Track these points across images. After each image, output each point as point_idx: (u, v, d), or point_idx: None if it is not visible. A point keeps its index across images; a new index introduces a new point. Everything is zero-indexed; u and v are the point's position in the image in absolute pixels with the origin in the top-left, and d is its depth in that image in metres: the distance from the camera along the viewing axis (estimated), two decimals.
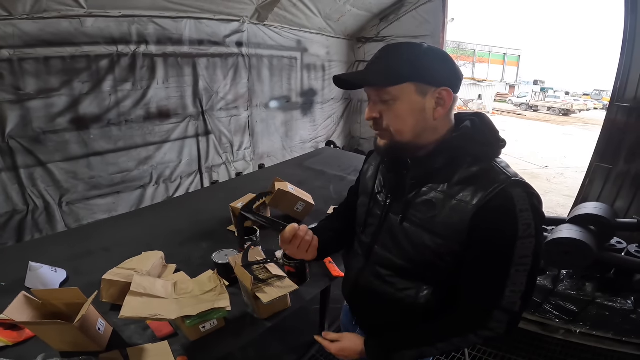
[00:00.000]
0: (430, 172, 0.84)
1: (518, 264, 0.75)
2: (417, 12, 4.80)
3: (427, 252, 0.83)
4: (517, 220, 0.74)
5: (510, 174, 0.78)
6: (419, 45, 0.81)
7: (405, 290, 0.90)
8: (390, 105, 0.81)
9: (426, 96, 0.79)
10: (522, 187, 0.76)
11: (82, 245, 1.76)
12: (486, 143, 0.83)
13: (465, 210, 0.77)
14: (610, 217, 2.14)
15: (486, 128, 0.85)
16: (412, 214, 0.86)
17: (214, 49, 3.82)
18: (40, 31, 2.63)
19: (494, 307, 0.77)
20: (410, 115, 0.80)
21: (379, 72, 0.80)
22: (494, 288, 0.77)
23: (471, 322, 0.81)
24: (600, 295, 2.14)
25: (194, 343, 1.17)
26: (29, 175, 2.86)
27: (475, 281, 0.80)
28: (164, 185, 3.80)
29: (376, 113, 0.83)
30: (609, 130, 3.13)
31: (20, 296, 1.09)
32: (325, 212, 2.10)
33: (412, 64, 0.78)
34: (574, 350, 2.18)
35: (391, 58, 0.81)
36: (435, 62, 0.80)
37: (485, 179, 0.78)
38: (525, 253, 0.74)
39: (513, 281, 0.75)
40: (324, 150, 3.83)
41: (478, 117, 0.87)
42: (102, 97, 3.11)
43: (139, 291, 1.13)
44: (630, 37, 2.88)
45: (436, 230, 0.81)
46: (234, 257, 1.38)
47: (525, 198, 0.75)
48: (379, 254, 0.94)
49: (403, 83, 0.78)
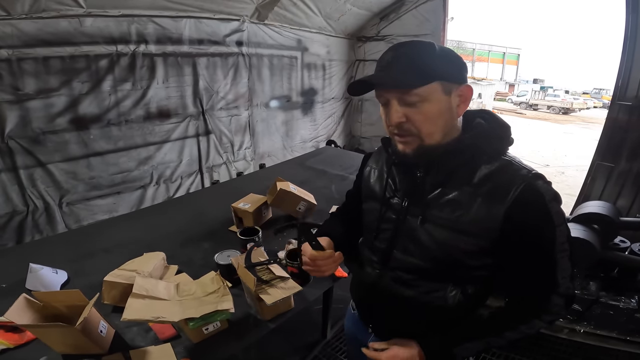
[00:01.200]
0: (451, 172, 0.82)
1: (560, 250, 0.77)
2: (418, 11, 4.79)
3: (455, 251, 0.82)
4: (549, 210, 0.76)
5: (528, 167, 0.80)
6: (430, 43, 0.79)
7: (432, 292, 0.88)
8: (418, 107, 0.77)
9: (451, 94, 0.78)
10: (542, 178, 0.78)
11: (82, 246, 1.75)
12: (500, 139, 0.83)
13: (495, 207, 0.77)
14: (613, 216, 2.13)
15: (497, 124, 0.85)
16: (435, 215, 0.84)
17: (213, 49, 3.80)
18: (39, 31, 2.62)
19: (551, 293, 0.79)
20: (440, 116, 0.78)
21: (407, 73, 0.75)
22: (547, 277, 0.79)
23: (534, 309, 0.82)
24: (605, 294, 2.13)
25: (197, 345, 1.16)
26: (29, 175, 2.85)
27: (526, 273, 0.81)
28: (165, 185, 3.79)
29: (402, 117, 0.78)
30: (611, 129, 3.13)
31: (21, 298, 1.08)
32: (328, 211, 2.09)
33: (435, 62, 0.76)
34: (578, 350, 2.17)
35: (413, 57, 0.77)
36: (451, 58, 0.79)
37: (508, 175, 0.78)
38: (563, 239, 0.77)
39: (561, 267, 0.78)
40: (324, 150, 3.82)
41: (487, 114, 0.88)
42: (102, 97, 3.10)
43: (141, 293, 1.12)
44: (632, 36, 2.87)
45: (465, 229, 0.80)
46: (237, 258, 1.37)
47: (548, 189, 0.77)
48: (400, 259, 0.91)
49: (432, 82, 0.75)
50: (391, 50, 0.80)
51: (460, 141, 0.82)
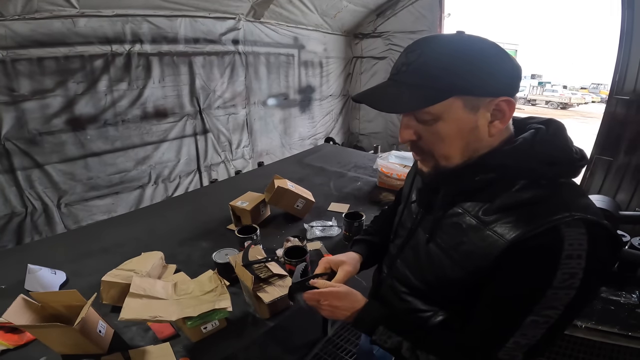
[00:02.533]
0: (466, 191, 0.69)
1: (539, 314, 0.59)
2: (414, 7, 4.78)
3: (444, 279, 0.71)
4: (557, 266, 0.57)
5: (577, 206, 0.60)
6: (457, 39, 0.63)
7: (420, 312, 0.79)
8: (431, 124, 0.65)
9: (479, 111, 0.63)
10: (587, 226, 0.57)
11: (81, 246, 1.74)
12: (552, 161, 0.63)
13: (495, 245, 0.61)
14: (613, 210, 2.12)
15: (557, 140, 0.66)
16: (439, 236, 0.73)
17: (209, 47, 3.79)
18: (32, 32, 2.60)
19: (490, 357, 0.65)
20: (458, 137, 0.65)
21: (414, 89, 0.62)
22: (496, 334, 0.64)
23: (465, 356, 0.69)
24: (605, 289, 2.12)
25: (196, 344, 1.16)
26: (26, 177, 2.85)
27: (482, 321, 0.67)
28: (163, 184, 3.78)
29: (412, 135, 0.67)
30: (609, 123, 3.13)
31: (19, 299, 1.07)
32: (326, 209, 2.08)
33: (456, 70, 0.60)
34: (580, 346, 2.17)
35: (425, 65, 0.62)
36: (485, 60, 0.61)
37: (536, 211, 0.60)
38: (554, 304, 0.58)
39: (523, 332, 0.61)
40: (323, 147, 3.81)
41: (548, 125, 0.68)
42: (98, 97, 3.09)
43: (139, 292, 1.11)
44: (628, 30, 2.88)
45: (458, 259, 0.68)
46: (235, 256, 1.36)
47: (584, 242, 0.56)
48: (399, 269, 0.86)
49: (446, 99, 0.61)
50: (405, 53, 0.66)
51: (487, 156, 0.67)
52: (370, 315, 0.80)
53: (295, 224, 1.93)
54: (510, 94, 0.63)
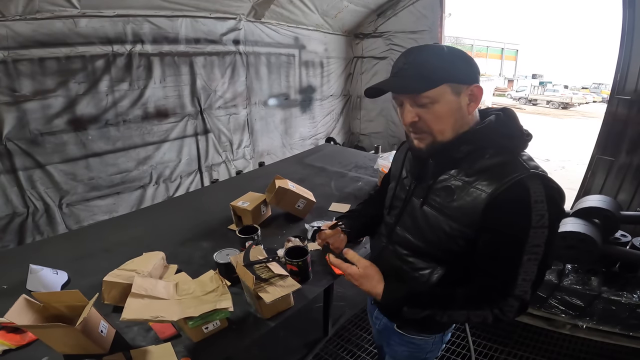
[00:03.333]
0: (452, 161, 0.88)
1: (530, 252, 0.77)
2: (415, 7, 4.77)
3: (442, 234, 0.88)
4: (530, 210, 0.76)
5: (530, 166, 0.81)
6: (440, 47, 0.85)
7: (421, 270, 0.96)
8: (429, 107, 0.83)
9: (460, 95, 0.83)
10: (540, 179, 0.78)
11: (83, 246, 1.75)
12: (509, 136, 0.86)
13: (479, 198, 0.81)
14: (614, 210, 2.12)
15: (510, 122, 0.88)
16: (432, 199, 0.91)
17: (210, 47, 3.79)
18: (33, 32, 2.61)
19: (508, 294, 0.81)
20: (450, 115, 0.84)
21: (416, 79, 0.82)
22: (508, 275, 0.81)
23: (488, 300, 0.84)
24: (606, 289, 2.12)
25: (198, 344, 1.16)
26: (28, 177, 2.85)
27: (490, 266, 0.83)
28: (164, 185, 3.79)
29: (414, 116, 0.85)
30: (610, 123, 3.12)
31: (21, 299, 1.08)
32: (327, 209, 2.09)
33: (444, 66, 0.81)
34: (581, 346, 2.17)
35: (422, 63, 0.82)
36: (460, 61, 0.83)
37: (504, 170, 0.81)
38: (537, 242, 0.77)
39: (525, 269, 0.78)
40: (324, 147, 3.81)
41: (503, 112, 0.90)
42: (99, 98, 3.09)
43: (140, 293, 1.12)
44: (629, 30, 2.87)
45: (452, 215, 0.86)
46: (236, 256, 1.37)
47: (542, 190, 0.77)
48: (400, 235, 1.01)
49: (440, 85, 0.81)
50: (403, 56, 0.86)
51: (466, 133, 0.87)
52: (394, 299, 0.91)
53: (297, 224, 1.94)
54: (478, 82, 0.85)
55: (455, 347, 2.19)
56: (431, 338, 1.11)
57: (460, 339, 2.25)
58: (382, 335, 1.25)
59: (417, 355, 1.15)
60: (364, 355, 2.18)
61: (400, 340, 1.15)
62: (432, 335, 1.10)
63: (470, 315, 0.86)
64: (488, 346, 2.20)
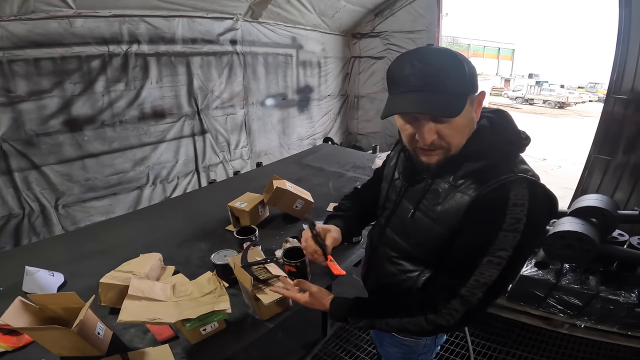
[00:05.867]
0: (443, 165, 0.84)
1: (493, 254, 0.74)
2: (412, 7, 4.77)
3: (429, 237, 0.87)
4: (505, 212, 0.73)
5: (519, 170, 0.78)
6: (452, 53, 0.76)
7: (409, 272, 0.95)
8: (450, 122, 0.77)
9: (473, 104, 0.80)
10: (527, 183, 0.75)
11: (79, 248, 1.74)
12: (502, 140, 0.82)
13: (462, 201, 0.80)
14: (611, 209, 2.12)
15: (504, 125, 0.85)
16: (422, 202, 0.89)
17: (207, 48, 3.78)
18: (28, 32, 2.59)
19: (453, 295, 0.77)
20: (466, 126, 0.81)
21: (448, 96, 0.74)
22: (460, 273, 0.78)
23: (426, 306, 0.82)
24: (604, 288, 2.13)
25: (195, 346, 1.16)
26: (24, 178, 2.83)
27: (451, 265, 0.82)
28: (161, 185, 3.77)
29: (434, 134, 0.78)
30: (607, 122, 3.13)
31: (17, 301, 1.07)
32: (325, 209, 2.08)
33: (465, 77, 0.76)
34: (579, 345, 2.17)
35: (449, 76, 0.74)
36: (471, 68, 0.78)
37: (491, 174, 0.78)
38: (503, 246, 0.73)
39: (481, 271, 0.75)
40: (321, 147, 3.80)
41: (496, 115, 0.87)
42: (95, 98, 3.07)
43: (137, 295, 1.11)
44: (625, 30, 2.88)
45: (438, 218, 0.85)
46: (233, 257, 1.36)
47: (525, 194, 0.74)
48: (389, 236, 1.00)
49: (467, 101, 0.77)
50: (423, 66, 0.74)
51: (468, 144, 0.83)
52: (339, 312, 0.95)
53: (294, 224, 1.93)
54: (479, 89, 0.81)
55: (454, 347, 2.19)
56: (422, 340, 1.10)
57: (459, 338, 2.25)
58: (376, 336, 1.26)
59: (409, 357, 1.15)
60: (363, 356, 2.17)
61: (392, 342, 1.15)
62: (423, 338, 1.10)
63: (404, 323, 0.84)
64: (487, 346, 2.20)
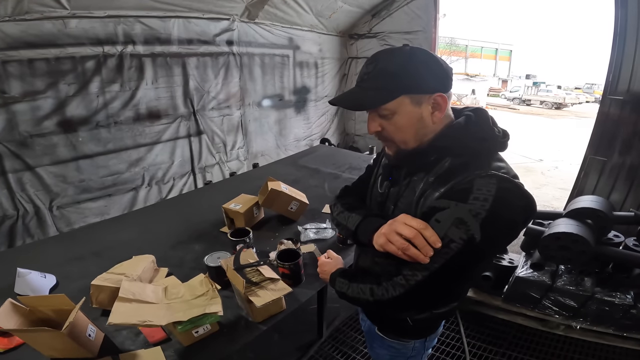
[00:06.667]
0: (420, 165, 0.87)
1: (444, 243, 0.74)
2: (409, 8, 4.78)
3: None
4: (465, 205, 0.73)
5: (492, 167, 0.77)
6: (402, 52, 0.80)
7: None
8: (390, 119, 0.83)
9: (422, 105, 0.81)
10: (497, 179, 0.74)
11: (72, 249, 1.73)
12: (482, 138, 0.82)
13: (432, 198, 0.80)
14: (607, 211, 2.12)
15: (482, 123, 0.84)
16: (401, 201, 0.90)
17: (203, 48, 3.77)
18: (22, 33, 2.57)
19: (398, 272, 0.80)
20: (410, 126, 0.83)
21: (373, 91, 0.81)
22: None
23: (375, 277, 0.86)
24: (600, 290, 2.12)
25: (188, 348, 1.15)
26: (18, 179, 2.81)
27: None
28: (157, 187, 3.75)
29: (377, 126, 0.86)
30: (603, 123, 3.13)
31: (7, 303, 1.06)
32: (320, 211, 2.08)
33: (401, 77, 0.79)
34: (575, 346, 2.17)
35: (382, 73, 0.80)
36: (422, 68, 0.79)
37: (461, 172, 0.78)
38: (455, 237, 0.73)
39: None
40: (318, 148, 3.80)
41: (475, 113, 0.87)
42: (90, 99, 3.06)
43: (128, 297, 1.10)
44: (621, 30, 2.88)
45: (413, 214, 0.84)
46: (226, 260, 1.35)
47: (492, 190, 0.72)
48: None
49: (397, 98, 0.79)
50: (366, 64, 0.84)
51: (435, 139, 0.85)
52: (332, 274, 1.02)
53: (289, 226, 1.92)
54: (444, 91, 0.81)
55: (450, 349, 2.19)
56: (410, 343, 1.10)
57: (455, 340, 2.25)
58: (367, 338, 1.26)
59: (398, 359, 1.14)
60: (359, 357, 2.17)
61: (381, 344, 1.14)
62: (411, 341, 1.09)
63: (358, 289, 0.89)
64: (482, 347, 2.20)
